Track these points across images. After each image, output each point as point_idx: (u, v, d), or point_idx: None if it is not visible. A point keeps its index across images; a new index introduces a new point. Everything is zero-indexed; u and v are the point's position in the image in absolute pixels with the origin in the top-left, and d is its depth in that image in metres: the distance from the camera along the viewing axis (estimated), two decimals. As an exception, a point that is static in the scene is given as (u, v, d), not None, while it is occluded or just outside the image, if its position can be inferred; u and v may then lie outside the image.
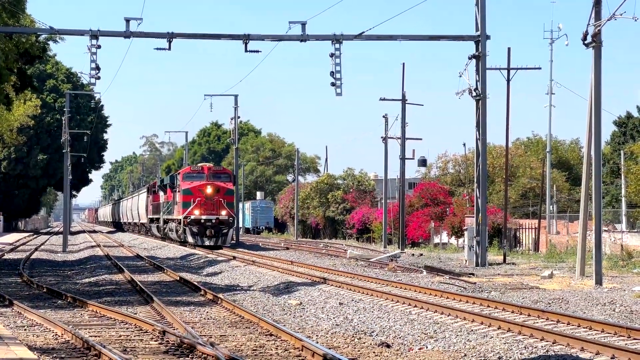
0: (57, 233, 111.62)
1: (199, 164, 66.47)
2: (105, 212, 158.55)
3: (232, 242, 60.49)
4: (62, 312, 22.38)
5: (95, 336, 17.93)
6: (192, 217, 55.57)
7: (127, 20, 38.90)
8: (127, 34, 39.01)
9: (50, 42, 51.35)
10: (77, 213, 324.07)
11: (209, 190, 56.09)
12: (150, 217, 76.51)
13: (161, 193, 68.42)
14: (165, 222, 65.32)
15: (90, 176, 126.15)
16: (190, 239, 55.82)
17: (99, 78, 38.89)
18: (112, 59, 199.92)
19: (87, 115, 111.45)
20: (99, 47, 38.72)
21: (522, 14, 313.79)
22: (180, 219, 57.06)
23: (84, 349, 16.29)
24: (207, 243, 54.92)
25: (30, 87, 51.05)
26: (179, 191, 57.57)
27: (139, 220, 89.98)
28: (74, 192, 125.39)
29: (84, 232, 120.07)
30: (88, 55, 38.47)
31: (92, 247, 64.09)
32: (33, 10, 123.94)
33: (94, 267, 40.53)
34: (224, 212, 55.95)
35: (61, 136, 72.88)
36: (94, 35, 38.72)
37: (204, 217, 55.55)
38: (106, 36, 39.50)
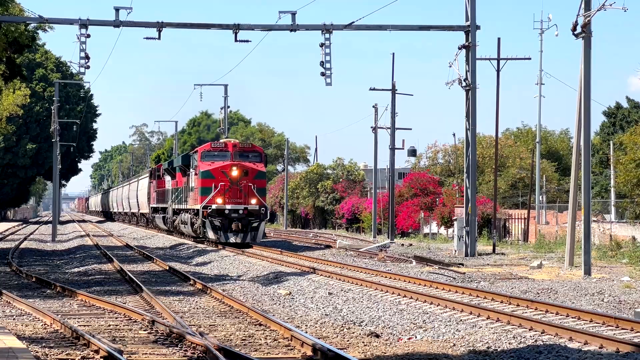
0: (46, 222, 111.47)
1: (221, 140, 52.44)
2: (97, 202, 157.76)
3: (265, 239, 50.48)
4: (51, 302, 22.35)
5: (85, 326, 17.91)
6: (214, 206, 44.43)
7: (117, 10, 38.83)
8: (117, 23, 38.94)
9: (40, 31, 51.03)
10: (67, 202, 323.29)
11: (235, 172, 44.70)
12: (154, 206, 65.80)
13: (168, 178, 58.51)
14: (176, 212, 54.23)
15: (80, 165, 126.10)
16: (210, 235, 44.91)
17: (88, 67, 38.96)
18: (102, 48, 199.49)
19: (76, 105, 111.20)
20: (88, 36, 38.69)
21: (512, 4, 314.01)
22: (197, 209, 45.77)
23: (73, 338, 16.27)
24: (232, 240, 44.27)
25: (19, 76, 50.73)
26: (196, 174, 46.65)
27: (138, 209, 79.85)
28: (63, 182, 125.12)
29: (73, 221, 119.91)
30: (77, 45, 38.50)
31: (82, 236, 64.04)
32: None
33: (83, 257, 40.47)
34: (254, 201, 44.62)
35: (50, 125, 72.80)
36: (84, 24, 38.66)
37: (228, 206, 44.41)
38: (96, 25, 39.47)
